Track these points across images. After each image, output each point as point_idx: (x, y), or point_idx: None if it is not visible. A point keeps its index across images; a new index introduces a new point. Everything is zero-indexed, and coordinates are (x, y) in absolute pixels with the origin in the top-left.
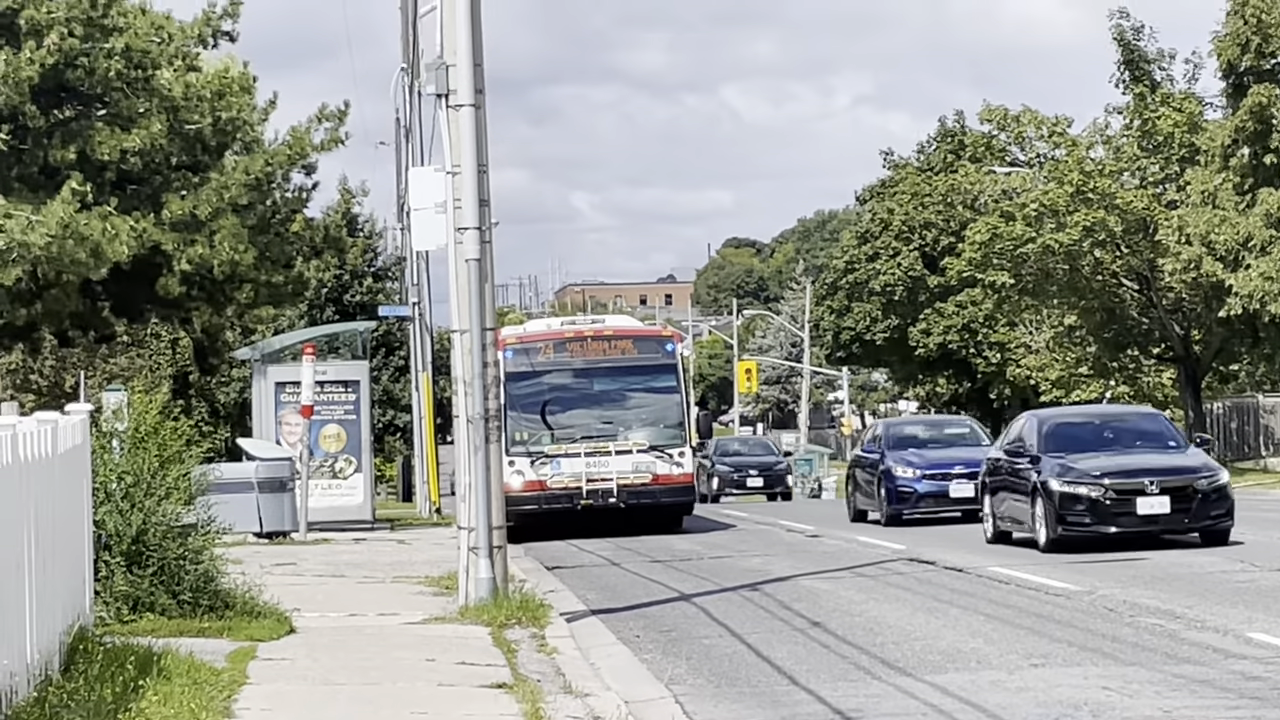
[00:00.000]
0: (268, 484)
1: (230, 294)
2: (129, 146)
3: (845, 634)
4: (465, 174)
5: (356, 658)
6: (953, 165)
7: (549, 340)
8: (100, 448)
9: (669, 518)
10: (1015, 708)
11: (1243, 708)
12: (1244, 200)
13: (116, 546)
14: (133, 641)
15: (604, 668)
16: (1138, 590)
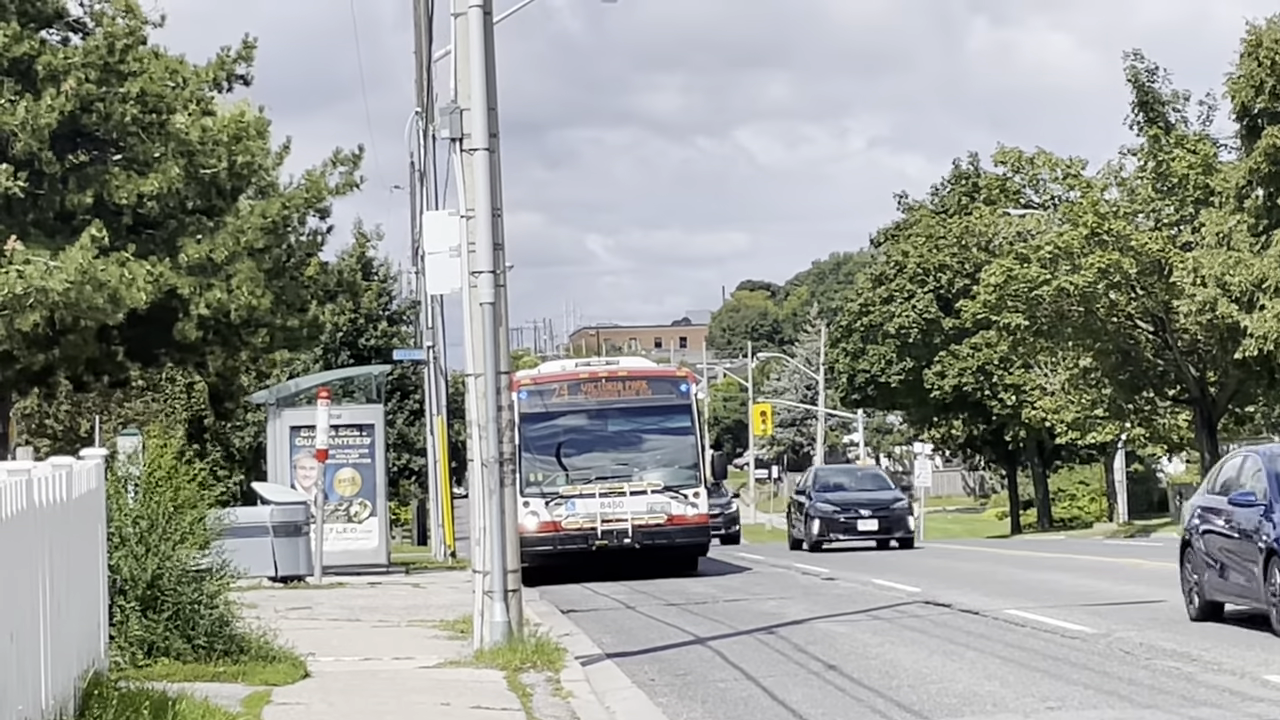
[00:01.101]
0: (283, 528)
1: (246, 338)
2: (145, 191)
3: (861, 677)
4: (479, 218)
5: (372, 702)
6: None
7: (564, 381)
8: (115, 492)
9: (684, 559)
10: None
11: None
12: (1259, 241)
13: (131, 591)
14: (147, 686)
15: (619, 711)
16: (1154, 633)
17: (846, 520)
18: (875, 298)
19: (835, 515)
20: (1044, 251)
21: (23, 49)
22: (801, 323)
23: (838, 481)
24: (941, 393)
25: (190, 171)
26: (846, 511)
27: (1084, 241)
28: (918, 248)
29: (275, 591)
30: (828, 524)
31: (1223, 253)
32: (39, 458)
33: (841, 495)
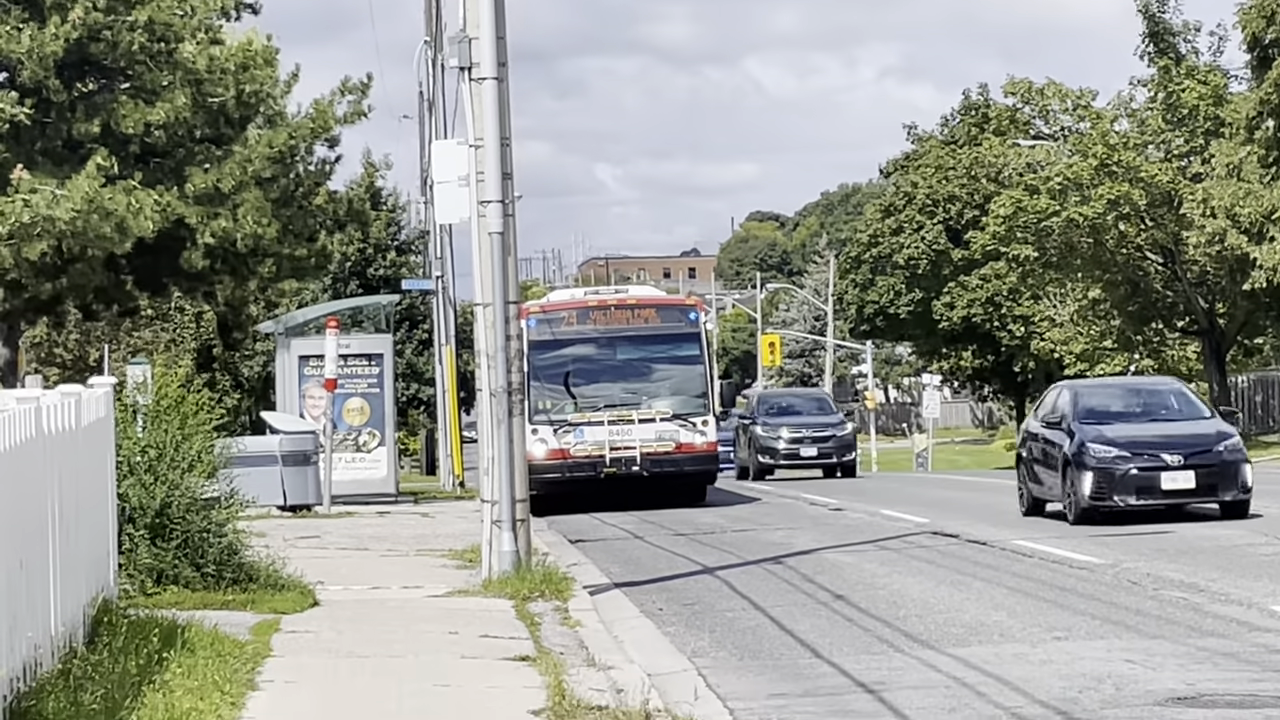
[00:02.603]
0: (291, 457)
1: (254, 267)
2: (152, 120)
3: (868, 607)
4: (488, 147)
5: (380, 631)
6: (977, 139)
7: (573, 309)
8: (124, 421)
9: (692, 487)
10: (1038, 680)
11: (1266, 680)
12: (1269, 173)
13: (140, 519)
14: (156, 614)
15: (627, 641)
16: (1162, 563)
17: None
18: (884, 229)
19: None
20: (1053, 183)
21: None
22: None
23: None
24: (950, 324)
25: (198, 100)
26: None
27: (1093, 173)
28: (927, 179)
29: (284, 520)
30: (771, 452)
31: (1233, 184)
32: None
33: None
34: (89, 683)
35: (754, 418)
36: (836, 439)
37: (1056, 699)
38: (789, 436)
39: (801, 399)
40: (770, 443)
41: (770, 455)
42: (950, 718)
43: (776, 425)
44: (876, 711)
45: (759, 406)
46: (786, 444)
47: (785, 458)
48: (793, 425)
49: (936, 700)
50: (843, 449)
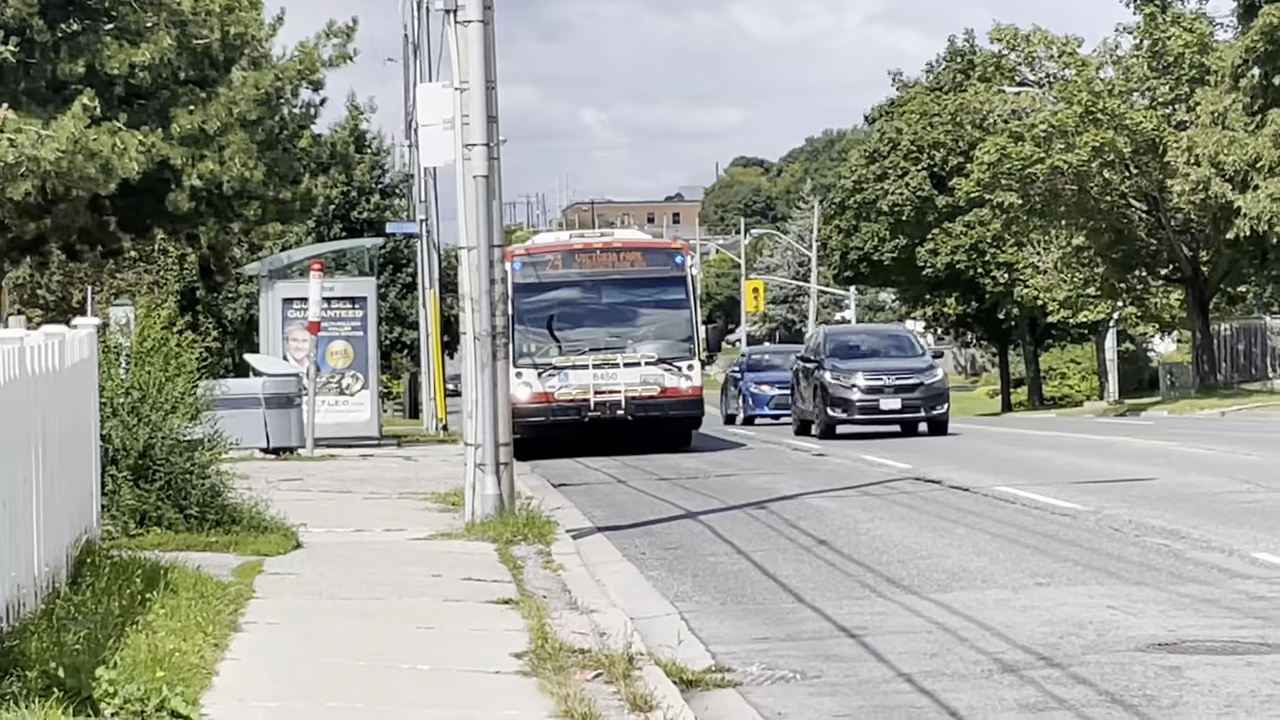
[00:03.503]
0: (275, 400)
1: (238, 210)
2: (138, 61)
3: (851, 552)
4: (473, 90)
5: (364, 573)
6: (962, 85)
7: (558, 252)
8: (107, 362)
9: (677, 432)
10: (1020, 626)
11: (1247, 627)
12: (1254, 121)
13: (123, 460)
14: (140, 555)
15: (610, 584)
16: (1144, 510)
17: (866, 401)
18: (869, 175)
19: None
20: (1038, 130)
21: None
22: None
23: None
24: (934, 270)
25: (183, 42)
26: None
27: (1078, 120)
28: (912, 125)
29: (267, 463)
30: (843, 404)
31: (1217, 132)
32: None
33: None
34: (72, 623)
35: (820, 360)
36: (925, 388)
37: (1038, 644)
38: (866, 385)
39: (879, 338)
40: (843, 392)
41: (843, 408)
42: (932, 663)
43: (849, 371)
44: (859, 656)
45: (826, 346)
46: (863, 394)
47: (861, 411)
48: (871, 371)
49: (919, 645)
50: (932, 400)
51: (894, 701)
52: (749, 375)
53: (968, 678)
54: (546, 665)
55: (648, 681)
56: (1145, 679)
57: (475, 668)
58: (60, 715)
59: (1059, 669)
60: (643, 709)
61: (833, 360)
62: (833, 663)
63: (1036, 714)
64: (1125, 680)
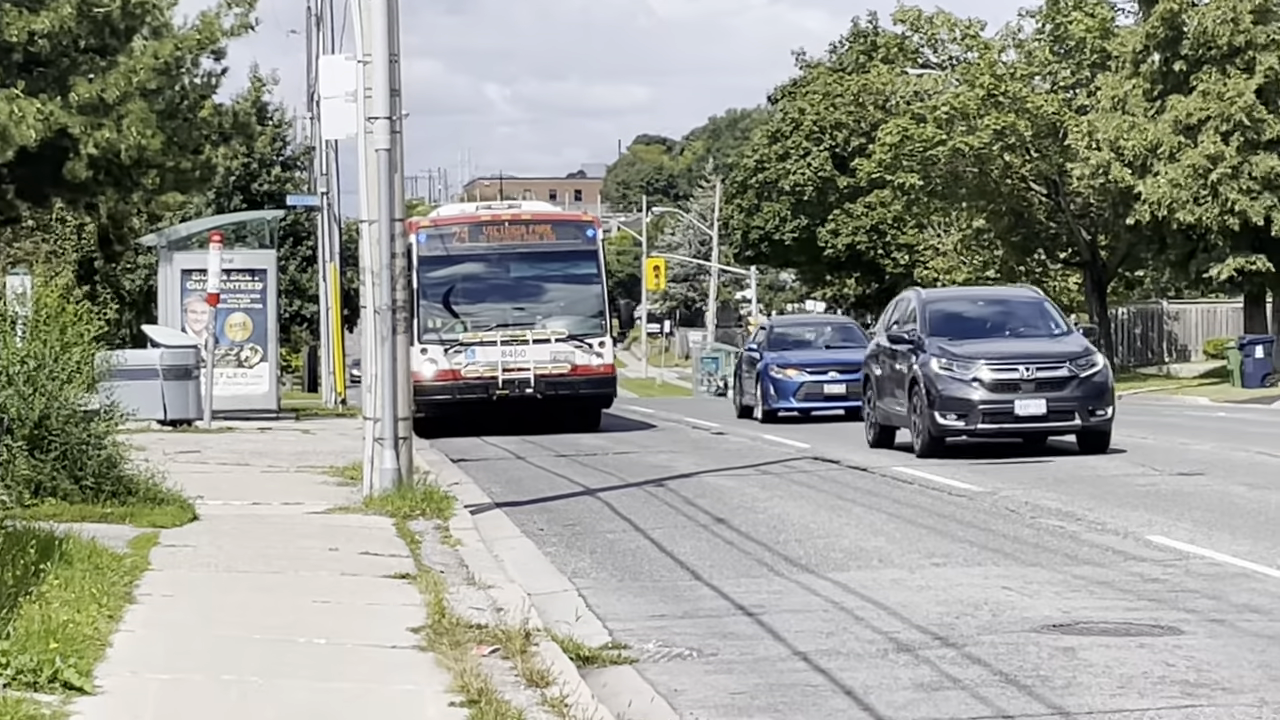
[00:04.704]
0: (172, 371)
1: (137, 179)
2: (37, 28)
3: (749, 530)
4: (376, 63)
5: (259, 546)
6: (865, 66)
7: (464, 224)
8: (2, 331)
9: (588, 410)
10: (916, 606)
11: (1141, 609)
12: (1153, 107)
13: (18, 430)
14: (34, 526)
15: (507, 560)
16: (1040, 492)
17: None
18: (771, 154)
19: None
20: (940, 112)
21: None
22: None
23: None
24: (835, 251)
25: (83, 10)
26: None
27: (980, 103)
28: (814, 105)
29: (164, 434)
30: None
31: (1117, 117)
32: None
33: None
34: None
35: (916, 341)
36: (1081, 383)
37: (934, 624)
38: (992, 378)
39: (1000, 305)
40: (957, 389)
41: (958, 412)
42: (828, 641)
43: (967, 358)
44: (756, 634)
45: (926, 319)
46: (989, 392)
47: (987, 417)
48: (998, 358)
49: (815, 624)
50: (1091, 400)
51: (790, 680)
52: (769, 355)
53: (863, 657)
54: (443, 640)
55: (544, 657)
56: (1040, 660)
57: (372, 642)
58: None
59: (954, 649)
60: (539, 685)
61: (937, 341)
62: (729, 641)
63: (931, 694)
64: (1020, 661)
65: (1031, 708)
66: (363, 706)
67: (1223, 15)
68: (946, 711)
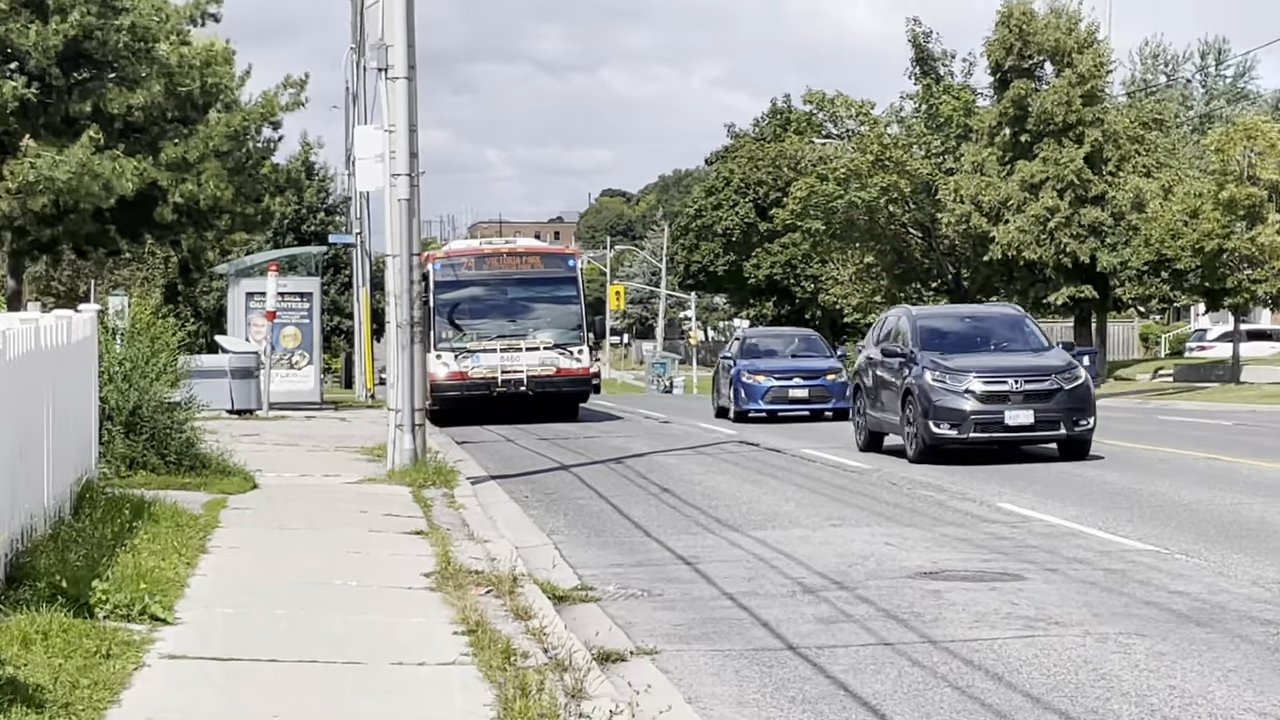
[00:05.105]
0: (238, 371)
1: (212, 222)
2: (133, 103)
3: (688, 498)
4: (399, 132)
5: (305, 508)
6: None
7: (472, 256)
8: (105, 340)
9: (569, 404)
10: (818, 557)
11: (992, 560)
12: (1005, 169)
13: (117, 418)
14: (129, 492)
15: (499, 520)
16: (915, 469)
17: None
18: (707, 205)
19: None
20: (839, 172)
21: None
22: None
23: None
24: (757, 280)
25: (170, 89)
26: None
27: (870, 166)
28: (741, 167)
29: (231, 421)
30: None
31: (977, 177)
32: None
33: None
34: (73, 545)
35: (909, 355)
36: (1066, 395)
37: (831, 571)
38: (983, 390)
39: (986, 322)
40: (951, 400)
41: (951, 421)
42: (749, 585)
43: (959, 371)
44: (693, 579)
45: (916, 334)
46: (980, 403)
47: (979, 426)
48: (989, 371)
49: (739, 571)
50: (1075, 412)
51: (719, 615)
52: (741, 363)
53: (777, 597)
54: (449, 583)
55: (528, 597)
56: (913, 599)
57: (393, 584)
58: (63, 617)
59: (847, 591)
60: (523, 618)
61: (929, 355)
62: (672, 584)
63: (829, 625)
64: (898, 600)
65: (906, 637)
66: (387, 634)
67: (1059, 98)
68: (840, 640)
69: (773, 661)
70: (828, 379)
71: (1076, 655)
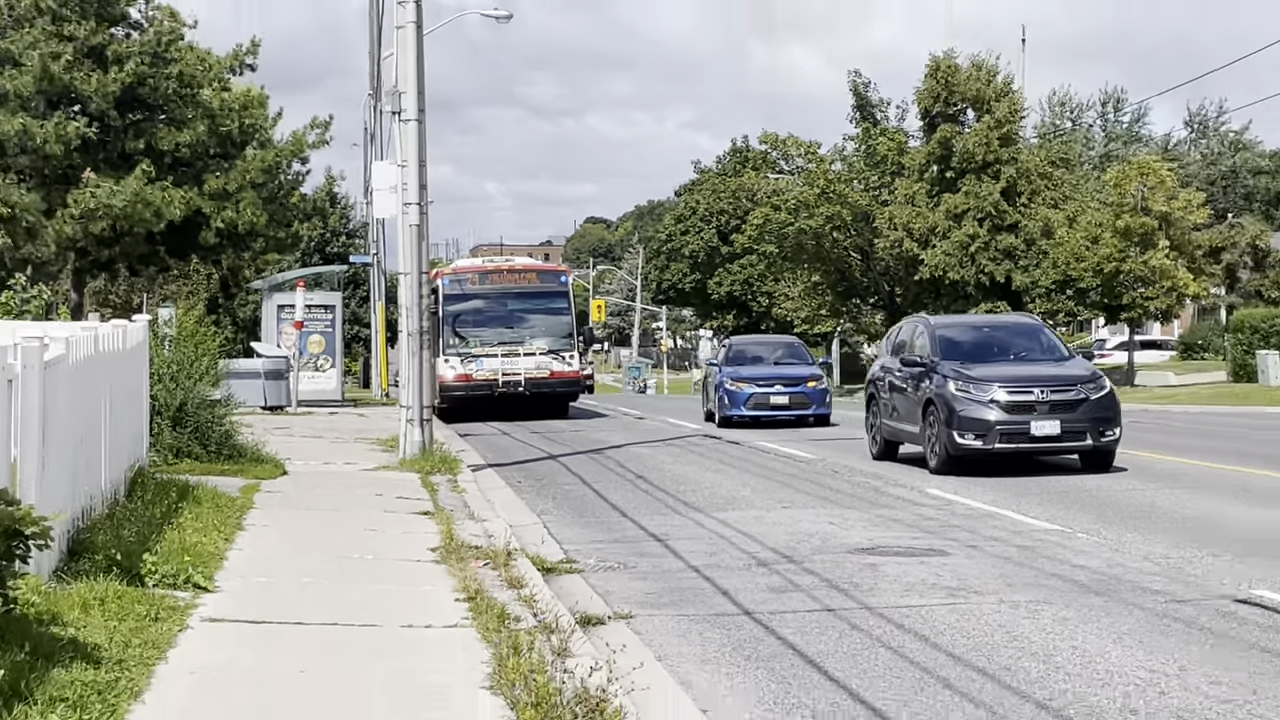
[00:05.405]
0: (270, 373)
1: (248, 244)
2: (181, 141)
3: (660, 484)
4: (411, 167)
5: (329, 490)
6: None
7: (476, 272)
8: (156, 345)
9: (560, 403)
10: (771, 534)
11: (921, 538)
12: (933, 202)
13: (165, 412)
14: (175, 478)
15: (496, 502)
16: (854, 459)
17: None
18: (677, 230)
19: None
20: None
21: (98, 39)
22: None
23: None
24: (719, 296)
25: (212, 128)
26: None
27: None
28: (706, 198)
29: (264, 416)
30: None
31: (909, 208)
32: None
33: None
34: (127, 523)
35: (930, 364)
36: (1092, 405)
37: (782, 547)
38: (1008, 400)
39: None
40: (975, 410)
41: (976, 431)
42: (711, 559)
43: (983, 381)
44: (663, 553)
45: (935, 343)
46: (1004, 413)
47: (1005, 436)
48: (1013, 381)
49: (703, 546)
50: (1102, 422)
51: (685, 584)
52: (726, 370)
53: (734, 569)
54: (452, 557)
55: (519, 568)
56: (853, 571)
57: (404, 558)
58: (117, 585)
59: (795, 564)
60: (515, 587)
61: (950, 364)
62: (645, 558)
63: (779, 594)
64: (839, 572)
65: (846, 603)
66: (399, 600)
67: (979, 140)
68: (790, 606)
69: (731, 625)
70: (809, 386)
71: (992, 620)
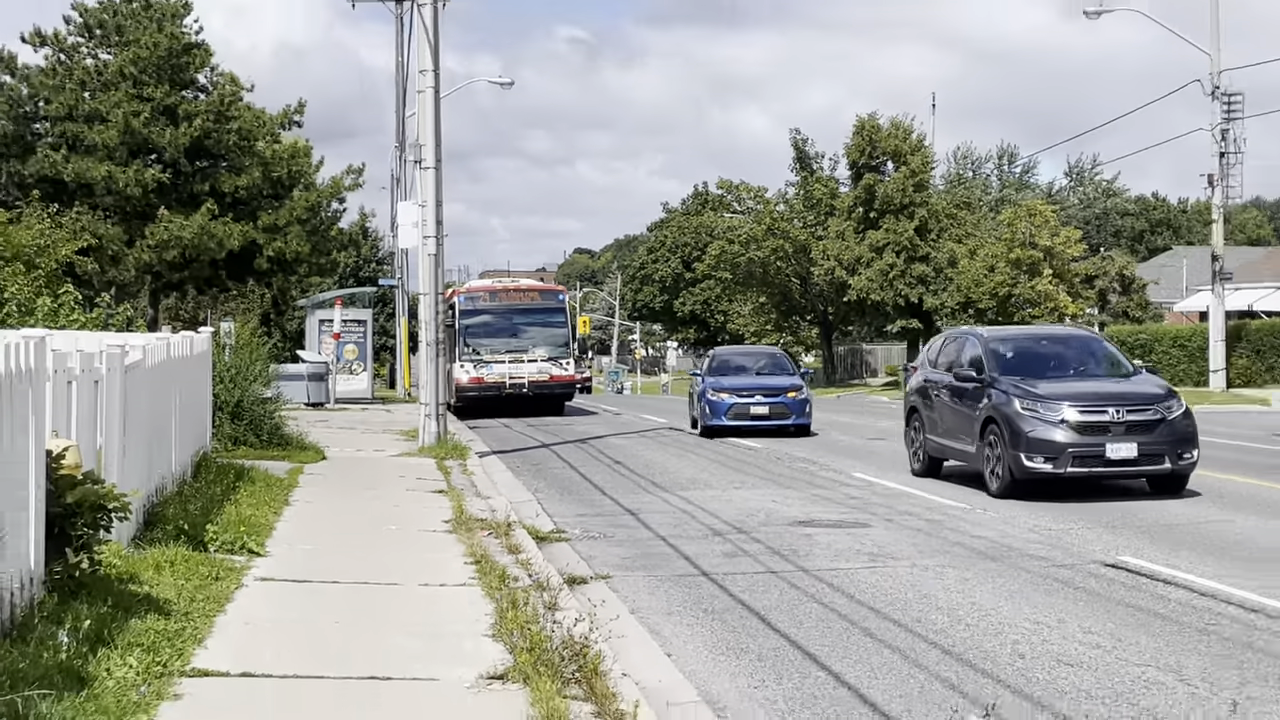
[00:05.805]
0: (313, 375)
1: (295, 269)
2: (239, 184)
3: (634, 467)
4: (429, 206)
5: (362, 472)
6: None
7: (488, 291)
8: (217, 352)
9: (558, 402)
10: (725, 510)
11: (849, 513)
12: (860, 237)
13: (225, 408)
14: (233, 462)
15: (498, 483)
16: (795, 448)
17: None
18: (648, 259)
19: None
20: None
21: (171, 100)
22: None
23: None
24: (683, 314)
25: (265, 174)
26: None
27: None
28: (673, 233)
29: (308, 412)
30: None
31: (839, 242)
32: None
33: None
34: (192, 499)
35: (988, 379)
36: (1168, 426)
37: (734, 522)
38: (1079, 420)
39: (1064, 347)
40: (1043, 430)
41: (1045, 454)
42: (676, 530)
43: (1052, 399)
44: (636, 525)
45: (990, 358)
46: (1076, 434)
47: (1077, 460)
48: (1084, 399)
49: (669, 520)
50: (1180, 445)
51: (654, 551)
52: (708, 380)
53: (694, 538)
54: (461, 527)
55: (517, 537)
56: (792, 540)
57: (423, 528)
58: (184, 550)
59: (745, 535)
60: (514, 552)
61: (1010, 380)
62: (621, 529)
63: (732, 558)
64: (781, 541)
65: (786, 566)
66: (418, 563)
67: (897, 186)
68: (739, 569)
69: (691, 584)
70: (789, 396)
71: (906, 580)
